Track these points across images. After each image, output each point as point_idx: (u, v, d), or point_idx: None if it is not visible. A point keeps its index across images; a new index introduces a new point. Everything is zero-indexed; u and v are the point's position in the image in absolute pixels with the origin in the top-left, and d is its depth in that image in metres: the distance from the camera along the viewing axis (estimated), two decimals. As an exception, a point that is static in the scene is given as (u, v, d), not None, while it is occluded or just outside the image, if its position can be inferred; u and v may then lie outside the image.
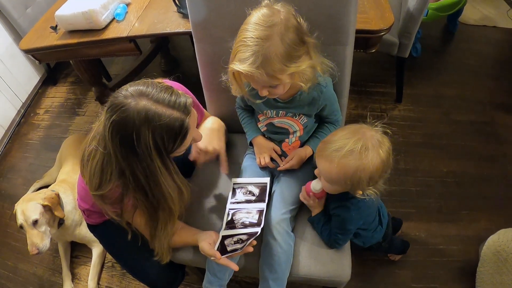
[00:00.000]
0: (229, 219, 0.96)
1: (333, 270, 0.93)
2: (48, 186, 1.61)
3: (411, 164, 1.70)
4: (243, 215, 0.95)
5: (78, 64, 1.67)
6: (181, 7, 1.38)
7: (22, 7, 2.09)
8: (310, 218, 1.01)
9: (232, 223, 0.94)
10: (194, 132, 0.83)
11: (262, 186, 1.02)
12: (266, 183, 1.02)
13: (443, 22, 2.43)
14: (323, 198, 0.97)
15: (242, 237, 0.88)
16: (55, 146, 1.98)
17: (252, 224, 0.91)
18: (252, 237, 0.85)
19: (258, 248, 0.95)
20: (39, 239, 1.32)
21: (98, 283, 1.50)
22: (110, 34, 1.40)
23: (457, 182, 1.62)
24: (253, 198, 1.00)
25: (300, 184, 1.02)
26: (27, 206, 1.34)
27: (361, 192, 0.85)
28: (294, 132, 1.03)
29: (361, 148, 0.77)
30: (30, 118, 2.40)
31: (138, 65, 2.12)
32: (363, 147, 0.77)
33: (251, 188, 1.03)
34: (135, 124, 0.68)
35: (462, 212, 1.52)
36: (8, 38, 2.21)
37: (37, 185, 1.88)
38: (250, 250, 0.85)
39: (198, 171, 1.21)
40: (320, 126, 1.07)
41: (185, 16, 1.38)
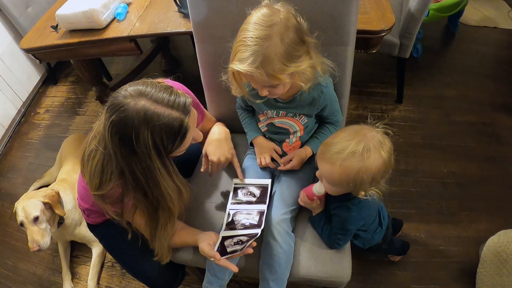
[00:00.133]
0: (229, 220, 0.95)
1: (333, 271, 0.93)
2: (48, 185, 1.61)
3: (412, 165, 1.70)
4: (244, 216, 0.95)
5: (79, 63, 1.67)
6: (182, 7, 1.38)
7: (23, 6, 2.09)
8: (311, 218, 1.01)
9: (232, 224, 0.94)
10: (194, 131, 0.83)
11: (263, 188, 1.02)
12: (267, 185, 1.02)
13: (444, 23, 2.43)
14: (323, 198, 0.97)
15: (242, 238, 0.88)
16: (55, 146, 1.98)
17: (252, 225, 0.91)
18: (252, 238, 0.84)
19: (258, 248, 0.94)
20: (40, 236, 1.32)
21: (97, 283, 1.50)
22: (110, 33, 1.41)
23: (457, 183, 1.62)
24: (253, 199, 0.99)
25: (300, 184, 1.02)
26: (28, 203, 1.34)
27: (363, 193, 0.85)
28: (295, 132, 1.03)
29: (363, 149, 0.76)
30: (31, 117, 2.40)
31: (139, 64, 2.12)
32: (365, 149, 0.76)
33: (252, 189, 1.02)
34: (134, 124, 0.68)
35: (463, 213, 1.52)
36: (8, 37, 2.21)
37: (37, 184, 1.88)
38: (250, 251, 0.85)
39: (198, 171, 1.21)
40: (320, 126, 1.07)
41: (186, 15, 1.38)
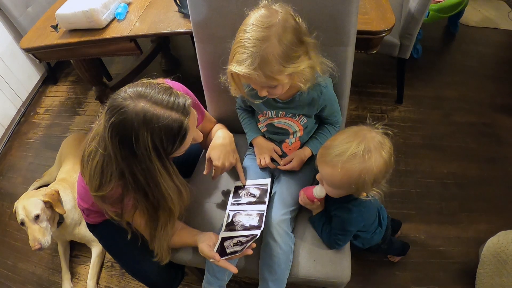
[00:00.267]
0: (229, 221, 0.95)
1: (332, 271, 0.93)
2: (47, 185, 1.61)
3: (412, 165, 1.69)
4: (243, 217, 0.95)
5: (79, 63, 1.67)
6: (182, 7, 1.38)
7: (23, 6, 2.09)
8: (310, 218, 1.01)
9: (232, 225, 0.94)
10: (194, 132, 0.82)
11: (263, 188, 1.02)
12: (267, 184, 1.02)
13: (444, 24, 2.43)
14: (323, 199, 0.97)
15: (241, 239, 0.87)
16: (55, 145, 1.98)
17: (252, 226, 0.91)
18: (252, 239, 0.84)
19: (258, 249, 0.94)
20: (41, 234, 1.32)
21: (97, 283, 1.50)
22: (110, 33, 1.40)
23: (457, 184, 1.62)
24: (253, 200, 0.99)
25: (300, 185, 1.02)
26: (28, 202, 1.35)
27: (365, 194, 0.84)
28: (294, 132, 1.03)
29: (363, 151, 0.76)
30: (30, 117, 2.40)
31: (139, 64, 2.12)
32: (366, 150, 0.76)
33: (252, 189, 1.02)
34: (134, 126, 0.68)
35: (462, 213, 1.52)
36: (8, 37, 2.21)
37: (36, 184, 1.87)
38: (250, 252, 0.85)
39: (198, 172, 1.20)
40: (319, 127, 1.07)
41: (186, 15, 1.38)
